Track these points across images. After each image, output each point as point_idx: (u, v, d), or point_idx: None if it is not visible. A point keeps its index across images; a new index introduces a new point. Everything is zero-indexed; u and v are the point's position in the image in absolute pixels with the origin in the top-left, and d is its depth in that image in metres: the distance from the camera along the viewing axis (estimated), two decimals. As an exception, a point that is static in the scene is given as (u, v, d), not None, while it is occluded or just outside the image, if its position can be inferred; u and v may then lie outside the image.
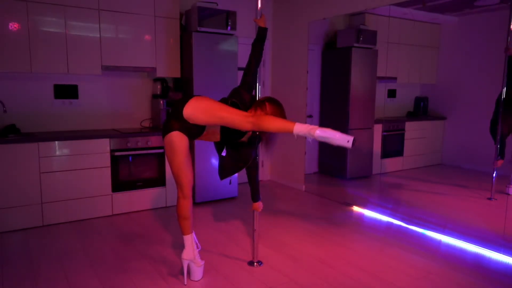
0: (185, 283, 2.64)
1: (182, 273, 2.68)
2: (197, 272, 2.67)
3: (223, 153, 2.71)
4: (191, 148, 4.38)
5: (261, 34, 2.70)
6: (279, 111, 2.54)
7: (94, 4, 3.93)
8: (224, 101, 2.62)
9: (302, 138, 5.14)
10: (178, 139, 2.45)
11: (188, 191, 2.57)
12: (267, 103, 2.53)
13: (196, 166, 4.36)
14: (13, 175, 3.51)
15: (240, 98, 2.58)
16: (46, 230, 3.60)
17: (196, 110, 2.43)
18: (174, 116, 2.47)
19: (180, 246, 3.24)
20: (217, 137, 2.62)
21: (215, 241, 3.39)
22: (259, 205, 2.91)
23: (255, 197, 2.89)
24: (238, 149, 2.67)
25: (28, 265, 2.88)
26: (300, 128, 2.25)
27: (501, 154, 3.71)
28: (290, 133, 2.27)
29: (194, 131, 2.51)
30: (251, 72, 2.67)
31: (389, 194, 4.83)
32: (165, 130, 2.50)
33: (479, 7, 3.97)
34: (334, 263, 2.95)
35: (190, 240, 2.63)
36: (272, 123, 2.29)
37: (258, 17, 2.75)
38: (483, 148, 3.96)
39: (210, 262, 2.94)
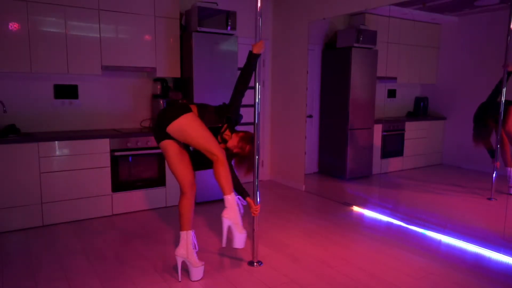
0: (179, 280, 2.64)
1: (183, 274, 2.69)
2: (194, 273, 2.67)
3: (191, 148, 2.81)
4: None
5: (248, 59, 2.74)
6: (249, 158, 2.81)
7: (94, 4, 3.93)
8: (222, 109, 2.76)
9: (302, 136, 5.14)
10: (167, 147, 2.61)
11: (184, 187, 2.63)
12: (249, 146, 2.78)
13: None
14: (13, 175, 3.51)
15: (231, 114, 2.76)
16: (46, 230, 3.60)
17: (178, 131, 2.55)
18: (159, 126, 2.58)
19: (180, 246, 3.25)
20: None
21: (215, 241, 3.39)
22: (253, 204, 2.87)
23: (243, 193, 2.87)
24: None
25: (28, 265, 2.88)
26: (230, 201, 2.54)
27: (495, 156, 3.76)
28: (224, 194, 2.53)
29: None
30: (236, 103, 2.78)
31: (389, 194, 4.83)
32: (156, 137, 2.65)
33: (479, 7, 3.97)
34: (334, 263, 2.95)
35: (184, 236, 2.64)
36: (220, 175, 2.51)
37: (259, 20, 2.74)
38: (483, 149, 3.95)
39: (210, 262, 2.94)
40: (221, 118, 2.75)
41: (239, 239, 2.59)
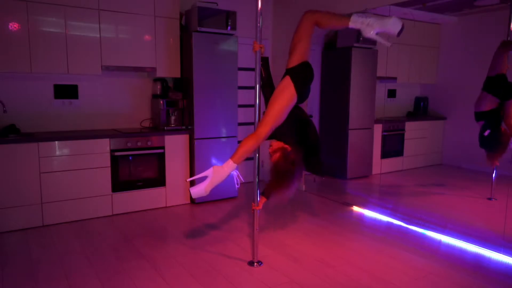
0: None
1: (184, 274, 2.68)
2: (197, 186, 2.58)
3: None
4: (191, 149, 4.38)
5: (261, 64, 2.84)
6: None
7: (94, 4, 3.93)
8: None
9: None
10: (287, 85, 2.78)
11: (266, 132, 2.58)
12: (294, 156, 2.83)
13: (196, 166, 4.36)
14: (13, 175, 3.50)
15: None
16: (46, 230, 3.60)
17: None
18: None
19: (180, 246, 3.25)
20: None
21: (215, 241, 3.39)
22: (254, 204, 2.95)
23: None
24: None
25: (28, 265, 2.88)
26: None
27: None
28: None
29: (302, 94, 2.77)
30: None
31: (389, 194, 4.84)
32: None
33: (479, 7, 3.98)
34: (334, 263, 2.95)
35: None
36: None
37: (259, 20, 2.75)
38: (483, 149, 3.95)
39: (210, 262, 2.94)
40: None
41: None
